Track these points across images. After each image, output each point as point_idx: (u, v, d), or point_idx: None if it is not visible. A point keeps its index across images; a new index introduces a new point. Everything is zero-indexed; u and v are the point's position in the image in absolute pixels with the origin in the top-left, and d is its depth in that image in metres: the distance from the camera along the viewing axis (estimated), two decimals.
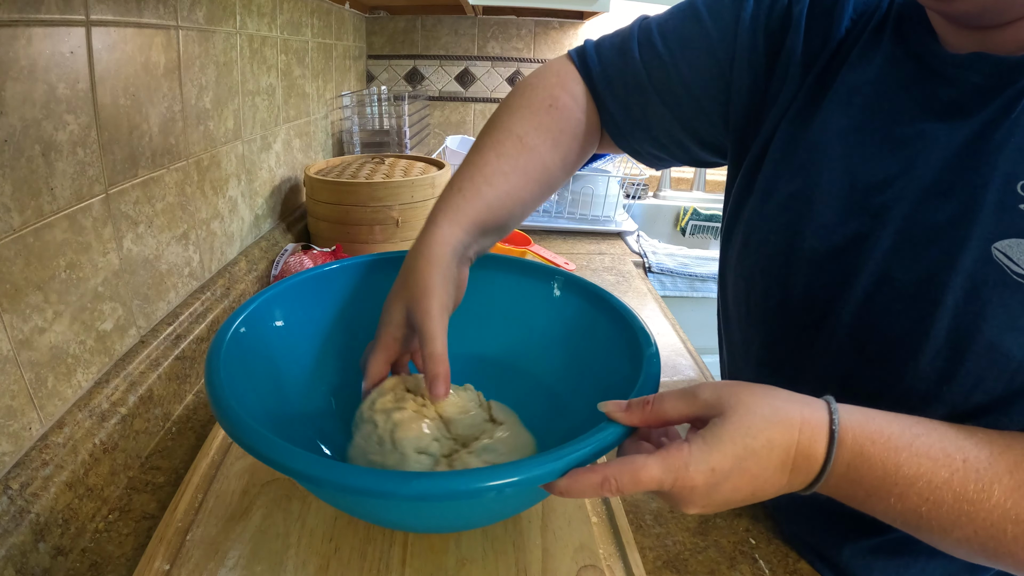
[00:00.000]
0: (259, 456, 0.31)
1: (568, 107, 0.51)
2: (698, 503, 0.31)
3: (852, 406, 0.32)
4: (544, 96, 0.51)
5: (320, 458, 0.33)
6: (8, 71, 0.40)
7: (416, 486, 0.29)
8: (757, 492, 0.31)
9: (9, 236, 0.41)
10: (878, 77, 0.40)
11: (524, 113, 0.50)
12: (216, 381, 0.37)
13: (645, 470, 0.30)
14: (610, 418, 0.34)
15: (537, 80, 0.53)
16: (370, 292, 0.54)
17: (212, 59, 0.71)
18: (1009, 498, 0.28)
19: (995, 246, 0.31)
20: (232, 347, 0.41)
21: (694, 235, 1.68)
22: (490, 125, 0.51)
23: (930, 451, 0.30)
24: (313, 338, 0.52)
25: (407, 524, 0.42)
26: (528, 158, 0.48)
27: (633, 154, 0.57)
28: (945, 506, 0.29)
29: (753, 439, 0.30)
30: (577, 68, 0.54)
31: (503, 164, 0.47)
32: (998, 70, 0.33)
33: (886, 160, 0.37)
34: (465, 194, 0.45)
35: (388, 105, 1.33)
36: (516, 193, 0.47)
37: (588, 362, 0.49)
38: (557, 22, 1.59)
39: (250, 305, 0.46)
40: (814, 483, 0.32)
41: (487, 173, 0.46)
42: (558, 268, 0.55)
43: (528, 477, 0.30)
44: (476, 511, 0.38)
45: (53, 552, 0.42)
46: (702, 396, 0.33)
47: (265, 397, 0.43)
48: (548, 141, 0.49)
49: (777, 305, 0.44)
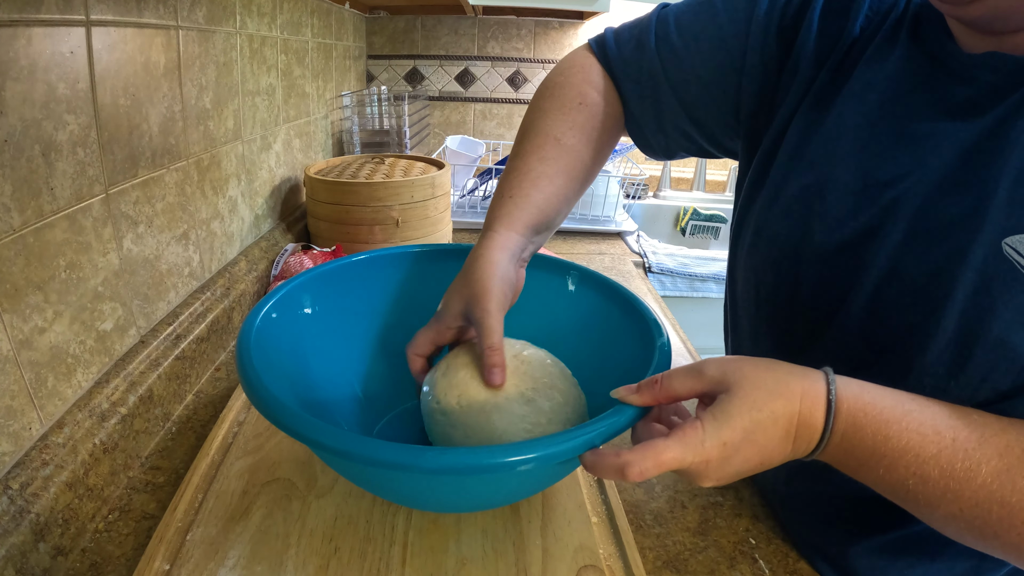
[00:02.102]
0: (289, 431, 0.34)
1: (596, 102, 0.53)
2: (713, 476, 0.32)
3: (849, 378, 0.33)
4: (573, 94, 0.53)
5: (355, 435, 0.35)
6: (8, 71, 0.40)
7: (436, 460, 0.31)
8: (765, 461, 0.33)
9: (9, 236, 0.41)
10: (894, 74, 0.40)
11: (557, 115, 0.52)
12: (247, 358, 0.39)
13: (667, 452, 0.31)
14: (623, 402, 0.36)
15: (563, 78, 0.55)
16: (400, 283, 0.57)
17: (212, 59, 0.71)
18: (995, 480, 0.29)
19: (1006, 241, 0.31)
20: (263, 330, 0.43)
21: (694, 235, 1.68)
22: (528, 128, 0.53)
23: (920, 427, 0.31)
24: (341, 327, 0.54)
25: (426, 500, 0.42)
26: (568, 159, 0.51)
27: (644, 145, 0.58)
28: (931, 482, 0.30)
29: (759, 412, 0.32)
30: (598, 59, 0.55)
31: (547, 168, 0.50)
32: (1014, 69, 0.33)
33: (899, 156, 0.38)
34: (516, 201, 0.49)
35: (388, 105, 1.33)
36: (561, 193, 0.51)
37: (602, 352, 0.51)
38: (557, 22, 1.59)
39: (281, 291, 0.48)
40: (815, 450, 0.33)
41: (533, 178, 0.49)
42: (574, 263, 0.56)
43: (545, 454, 0.32)
44: (495, 487, 0.40)
45: (53, 552, 0.42)
46: (708, 372, 0.34)
47: (293, 380, 0.45)
48: (583, 139, 0.52)
49: (787, 299, 0.44)
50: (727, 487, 0.54)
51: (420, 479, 0.36)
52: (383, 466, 0.32)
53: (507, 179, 0.50)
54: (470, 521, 0.45)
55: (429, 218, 0.97)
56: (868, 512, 0.42)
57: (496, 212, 0.49)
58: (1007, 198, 0.32)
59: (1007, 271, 0.31)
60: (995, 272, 0.31)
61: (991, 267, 0.32)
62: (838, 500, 0.43)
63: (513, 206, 0.48)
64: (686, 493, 0.53)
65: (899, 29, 0.41)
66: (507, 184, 0.50)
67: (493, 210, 0.49)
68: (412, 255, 0.58)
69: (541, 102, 0.54)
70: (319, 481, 0.48)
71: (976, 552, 0.39)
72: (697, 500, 0.53)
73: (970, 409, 0.32)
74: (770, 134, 0.47)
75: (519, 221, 0.48)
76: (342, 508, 0.46)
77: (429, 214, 0.97)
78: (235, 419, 0.56)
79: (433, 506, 0.44)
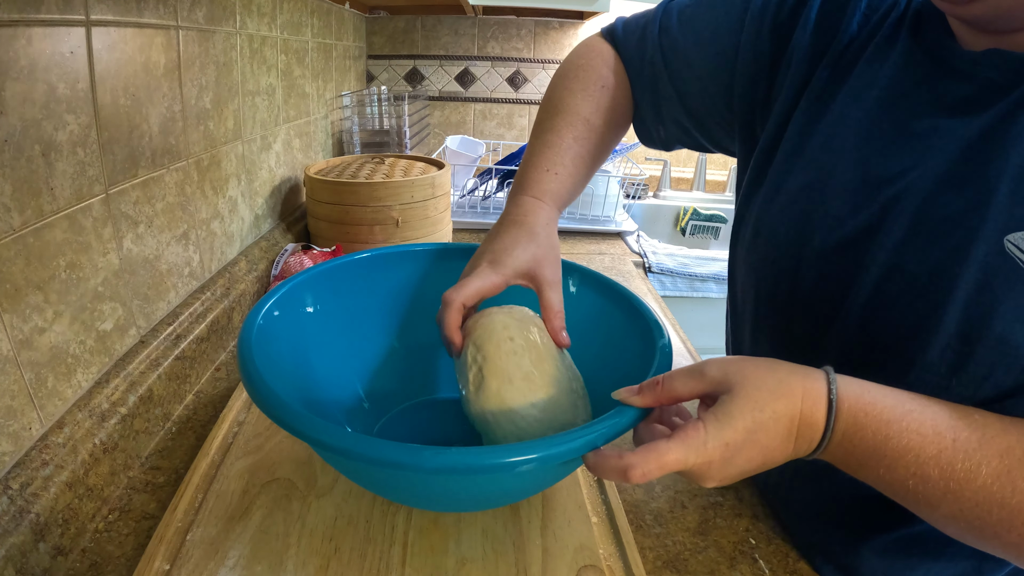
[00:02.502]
0: (290, 429, 0.34)
1: (614, 86, 0.55)
2: (715, 477, 0.33)
3: (850, 377, 0.33)
4: (595, 77, 0.55)
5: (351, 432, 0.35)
6: (8, 71, 0.40)
7: (436, 459, 0.31)
8: (767, 461, 0.33)
9: (9, 236, 0.41)
10: (894, 73, 0.40)
11: (584, 95, 0.54)
12: (248, 356, 0.39)
13: (669, 453, 0.31)
14: (625, 403, 0.36)
15: (584, 60, 0.56)
16: (402, 282, 0.57)
17: (212, 59, 0.71)
18: (996, 481, 0.29)
19: (1008, 238, 0.31)
20: (264, 328, 0.44)
21: (694, 235, 1.68)
22: (557, 104, 0.54)
23: (921, 427, 0.31)
24: (343, 325, 0.54)
25: (427, 499, 0.42)
26: (596, 140, 0.53)
27: (643, 133, 0.59)
28: (931, 482, 0.30)
29: (761, 412, 0.31)
30: (611, 46, 0.57)
31: (579, 147, 0.52)
32: (1014, 66, 0.33)
33: (900, 153, 0.38)
34: (560, 177, 0.50)
35: (388, 105, 1.33)
36: (587, 172, 0.53)
37: (604, 354, 0.51)
38: (557, 22, 1.59)
39: (282, 289, 0.48)
40: (816, 449, 0.33)
41: (572, 157, 0.51)
42: (575, 264, 0.56)
43: (547, 455, 0.32)
44: (496, 486, 0.40)
45: (53, 552, 0.42)
46: (709, 373, 0.34)
47: (294, 378, 0.45)
48: (608, 121, 0.54)
49: (787, 298, 0.44)
50: (727, 487, 0.54)
51: (420, 478, 0.36)
52: (383, 465, 0.32)
53: (544, 152, 0.51)
54: (470, 521, 0.45)
55: (429, 218, 0.97)
56: (871, 511, 0.42)
57: (538, 183, 0.49)
58: (1009, 194, 0.32)
59: (1009, 268, 0.31)
60: (997, 269, 0.31)
61: (993, 264, 0.32)
62: (841, 500, 0.43)
63: (557, 182, 0.49)
64: (686, 493, 0.53)
65: (900, 28, 0.41)
66: (544, 157, 0.51)
67: (533, 180, 0.50)
68: (413, 254, 0.58)
69: (567, 82, 0.55)
70: (319, 481, 0.48)
71: (978, 552, 0.39)
72: (697, 500, 0.53)
73: (972, 409, 0.32)
74: (767, 131, 0.47)
75: (560, 198, 0.50)
76: (342, 508, 0.46)
77: (429, 214, 0.97)
78: (235, 419, 0.56)
79: (434, 505, 0.44)
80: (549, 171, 0.50)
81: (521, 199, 0.49)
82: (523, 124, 1.69)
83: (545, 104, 0.55)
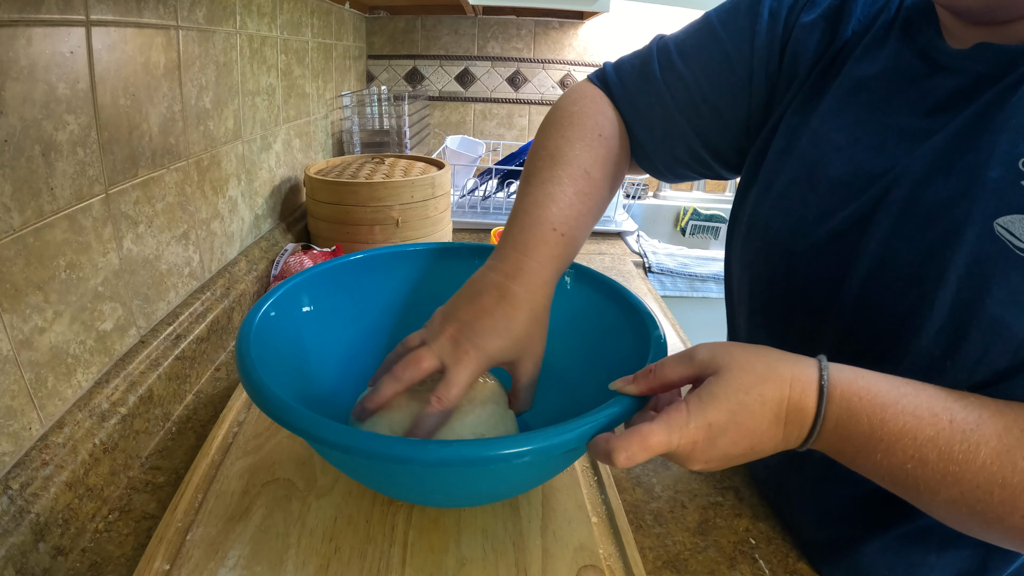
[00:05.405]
0: (287, 425, 0.34)
1: (611, 135, 0.51)
2: (700, 459, 0.33)
3: (843, 364, 0.33)
4: (591, 125, 0.51)
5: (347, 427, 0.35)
6: (8, 71, 0.40)
7: (435, 453, 0.32)
8: (755, 446, 0.33)
9: (9, 236, 0.41)
10: (883, 71, 0.40)
11: (582, 145, 0.49)
12: (246, 355, 0.39)
13: (652, 435, 0.31)
14: (620, 393, 0.37)
15: (578, 107, 0.52)
16: (399, 282, 0.57)
17: (212, 59, 0.71)
18: (995, 461, 0.29)
19: (998, 222, 0.31)
20: (262, 328, 0.43)
21: (694, 235, 1.68)
22: (555, 154, 0.48)
23: (916, 410, 0.31)
24: (341, 325, 0.54)
25: (426, 494, 0.42)
26: (598, 195, 0.49)
27: (655, 173, 0.57)
28: (930, 465, 0.30)
29: (746, 394, 0.32)
30: (604, 92, 0.54)
31: (583, 205, 0.47)
32: (1003, 58, 0.34)
33: (889, 149, 0.38)
34: (567, 239, 0.45)
35: (388, 105, 1.33)
36: (588, 231, 0.49)
37: (598, 349, 0.51)
38: (557, 22, 1.59)
39: (280, 289, 0.48)
40: (808, 438, 0.33)
41: (576, 215, 0.46)
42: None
43: (544, 446, 0.32)
44: (493, 480, 0.40)
45: (53, 552, 0.42)
46: (698, 356, 0.35)
47: (293, 377, 0.46)
48: (607, 174, 0.50)
49: (782, 291, 0.45)
50: (727, 487, 0.54)
51: (420, 472, 0.36)
52: (383, 460, 0.33)
53: (549, 207, 0.45)
54: (470, 521, 0.45)
55: (429, 218, 0.97)
56: (872, 508, 0.42)
57: (546, 247, 0.44)
58: (997, 179, 0.32)
59: (999, 251, 0.31)
60: (988, 252, 0.32)
61: (984, 247, 0.32)
62: (842, 497, 0.43)
63: (564, 245, 0.44)
64: (686, 493, 0.53)
65: (890, 31, 0.42)
66: (549, 213, 0.45)
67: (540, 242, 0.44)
68: (412, 254, 0.58)
69: (563, 130, 0.51)
70: (319, 481, 0.48)
71: (981, 548, 0.39)
72: (697, 500, 0.53)
73: (966, 392, 0.32)
74: (763, 133, 0.48)
75: (562, 261, 0.45)
76: (342, 508, 0.46)
77: (429, 214, 0.97)
78: (235, 419, 0.56)
79: (433, 500, 0.44)
80: (562, 235, 0.44)
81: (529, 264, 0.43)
82: (523, 124, 1.69)
83: (539, 152, 0.49)
